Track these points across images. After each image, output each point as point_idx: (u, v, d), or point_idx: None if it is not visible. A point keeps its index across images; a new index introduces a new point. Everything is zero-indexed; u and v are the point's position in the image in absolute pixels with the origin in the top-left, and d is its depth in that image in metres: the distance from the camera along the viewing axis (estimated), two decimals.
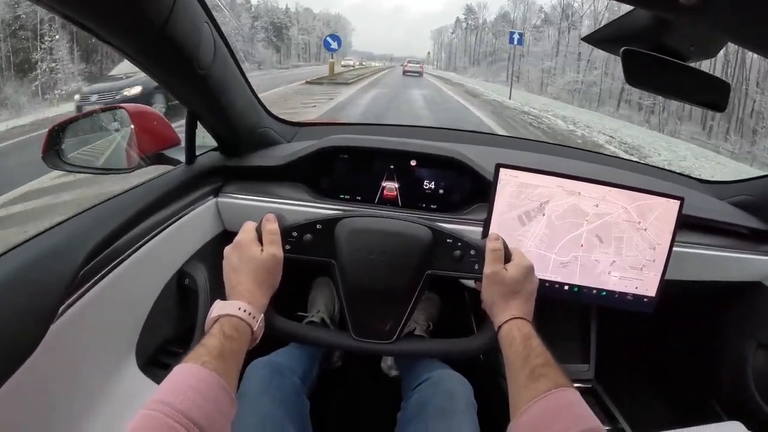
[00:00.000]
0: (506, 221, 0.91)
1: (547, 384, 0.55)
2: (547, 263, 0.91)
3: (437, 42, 69.43)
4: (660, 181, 1.25)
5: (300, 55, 55.13)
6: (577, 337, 1.12)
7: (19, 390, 0.54)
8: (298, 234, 0.71)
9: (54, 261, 0.62)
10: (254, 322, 0.60)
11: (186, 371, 0.51)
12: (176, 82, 0.81)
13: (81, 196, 4.18)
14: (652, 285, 0.93)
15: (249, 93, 1.04)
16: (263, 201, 1.02)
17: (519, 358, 0.60)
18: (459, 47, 57.83)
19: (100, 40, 0.62)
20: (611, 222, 0.90)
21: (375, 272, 0.71)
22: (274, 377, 0.85)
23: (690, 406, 1.32)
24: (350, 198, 1.06)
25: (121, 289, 0.74)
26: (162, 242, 0.84)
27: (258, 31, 44.11)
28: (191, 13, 0.70)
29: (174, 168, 0.96)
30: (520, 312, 0.65)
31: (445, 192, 1.05)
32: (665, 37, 0.74)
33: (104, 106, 1.03)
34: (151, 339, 0.84)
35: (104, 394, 0.72)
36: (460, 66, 55.22)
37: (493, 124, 11.14)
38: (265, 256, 0.65)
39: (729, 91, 0.81)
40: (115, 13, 0.58)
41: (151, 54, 0.70)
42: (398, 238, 0.71)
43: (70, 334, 0.64)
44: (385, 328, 0.72)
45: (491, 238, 0.70)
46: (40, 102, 14.17)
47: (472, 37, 54.74)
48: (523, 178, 0.90)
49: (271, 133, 1.18)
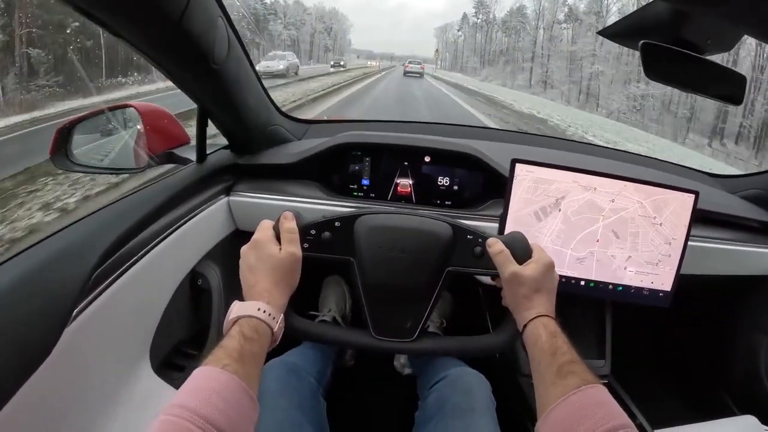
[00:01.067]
0: (522, 217, 0.91)
1: (576, 381, 0.54)
2: (563, 259, 0.91)
3: (441, 40, 66.14)
4: (671, 176, 1.25)
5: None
6: (592, 333, 1.12)
7: (34, 394, 0.54)
8: (317, 232, 0.70)
9: (67, 263, 0.61)
10: (274, 322, 0.59)
11: (206, 375, 0.50)
12: (190, 78, 0.80)
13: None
14: (667, 279, 0.93)
15: (260, 90, 1.03)
16: (275, 199, 1.01)
17: (546, 355, 0.59)
18: (467, 45, 54.69)
19: (113, 35, 0.61)
20: (627, 217, 0.90)
21: (395, 269, 0.70)
22: (291, 378, 0.84)
23: (704, 400, 1.32)
24: (363, 195, 1.05)
25: (134, 291, 0.73)
26: (174, 242, 0.83)
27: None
28: (206, 7, 0.69)
29: (185, 167, 0.95)
30: (544, 309, 0.64)
31: (459, 188, 1.05)
32: (683, 30, 0.74)
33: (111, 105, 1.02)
34: (164, 340, 0.83)
35: (119, 396, 0.71)
36: (469, 66, 52.22)
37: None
38: (283, 255, 0.64)
39: (745, 85, 0.81)
40: (131, 6, 0.57)
41: (167, 49, 0.69)
42: (418, 234, 0.70)
43: (84, 337, 0.63)
44: (406, 326, 0.72)
45: (489, 244, 0.69)
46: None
47: (482, 34, 51.29)
48: (539, 173, 0.90)
49: (282, 131, 1.17)
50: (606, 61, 24.90)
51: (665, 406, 1.33)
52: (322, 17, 62.56)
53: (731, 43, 0.79)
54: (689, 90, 0.82)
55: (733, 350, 1.23)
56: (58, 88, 13.80)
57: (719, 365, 1.28)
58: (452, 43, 61.97)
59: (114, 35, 0.61)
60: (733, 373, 1.23)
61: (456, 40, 59.95)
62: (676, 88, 0.82)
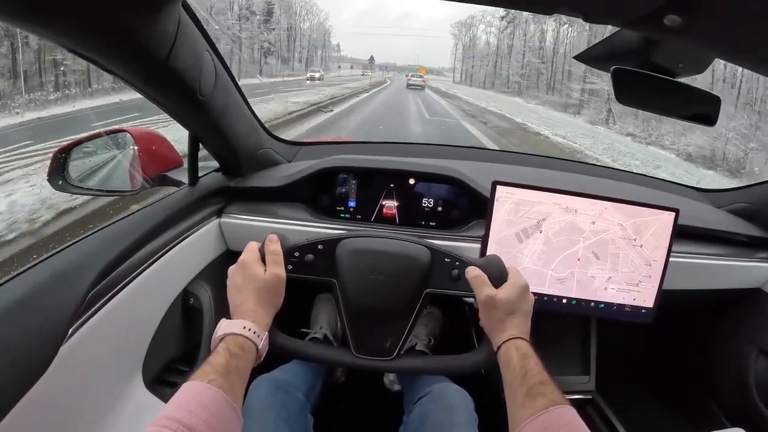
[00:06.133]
0: (504, 238, 0.92)
1: (544, 402, 0.56)
2: (543, 279, 0.93)
3: (460, 40, 48.51)
4: (657, 192, 1.26)
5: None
6: (576, 349, 1.13)
7: (31, 409, 0.56)
8: (300, 254, 0.72)
9: (63, 284, 0.64)
10: (258, 340, 0.62)
11: (193, 388, 0.53)
12: (178, 108, 0.83)
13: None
14: (649, 297, 0.94)
15: (250, 115, 1.06)
16: (265, 221, 1.04)
17: (517, 377, 0.61)
18: (500, 56, 37.92)
19: (104, 71, 0.64)
20: (607, 239, 0.92)
21: (375, 292, 0.72)
22: (279, 393, 0.87)
23: (692, 413, 1.32)
24: (350, 217, 1.07)
25: (127, 310, 0.76)
26: (167, 263, 0.86)
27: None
28: (193, 43, 0.72)
29: (177, 189, 0.98)
30: (518, 331, 0.66)
31: (443, 209, 1.07)
32: (654, 55, 0.76)
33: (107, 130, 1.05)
34: (157, 358, 0.86)
35: (112, 412, 0.73)
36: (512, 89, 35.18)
37: None
38: (268, 276, 0.67)
39: (719, 105, 0.82)
40: (119, 47, 0.59)
41: (155, 84, 0.72)
42: (397, 258, 0.73)
43: (80, 354, 0.66)
44: (386, 346, 0.74)
45: (467, 271, 0.71)
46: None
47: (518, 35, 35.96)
48: (520, 194, 0.92)
49: (272, 154, 1.20)
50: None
51: (653, 420, 1.33)
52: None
53: (703, 66, 0.81)
54: (663, 113, 0.84)
55: (721, 362, 1.23)
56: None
57: (708, 378, 1.29)
58: (470, 48, 45.50)
59: (104, 71, 0.64)
60: (723, 385, 1.23)
61: (473, 49, 43.60)
62: (650, 112, 0.84)
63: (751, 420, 1.09)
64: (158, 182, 1.00)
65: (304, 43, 48.71)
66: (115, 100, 14.80)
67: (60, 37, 0.53)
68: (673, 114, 0.83)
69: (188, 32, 0.69)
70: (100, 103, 15.72)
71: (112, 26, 0.54)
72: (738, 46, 0.53)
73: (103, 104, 14.84)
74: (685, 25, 0.46)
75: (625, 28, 0.68)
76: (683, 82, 0.79)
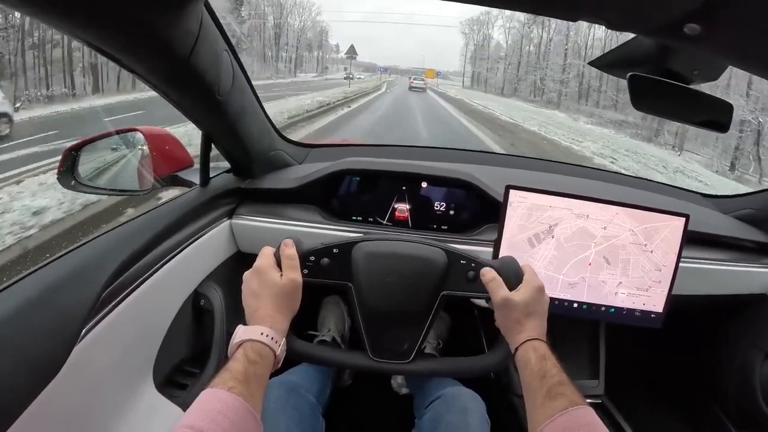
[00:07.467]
0: (516, 243, 0.93)
1: (564, 402, 0.56)
2: (555, 284, 0.93)
3: (471, 39, 40.62)
4: (664, 197, 1.27)
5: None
6: (586, 353, 1.13)
7: (44, 410, 0.56)
8: (316, 258, 0.72)
9: (76, 284, 0.64)
10: (276, 346, 0.62)
11: (213, 396, 0.52)
12: (195, 108, 0.83)
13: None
14: (659, 301, 0.94)
15: (263, 117, 1.06)
16: (276, 223, 1.04)
17: (535, 378, 0.61)
18: (525, 56, 30.26)
19: (124, 69, 0.64)
20: (618, 244, 0.92)
21: (391, 295, 0.72)
22: (291, 396, 0.87)
23: (699, 418, 1.32)
24: (362, 219, 1.07)
25: (139, 311, 0.75)
26: (178, 264, 0.85)
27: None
28: (213, 42, 0.72)
29: (189, 190, 0.98)
30: (535, 332, 0.66)
31: (455, 213, 1.07)
32: (670, 62, 0.76)
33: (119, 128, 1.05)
34: (167, 359, 0.86)
35: (123, 412, 0.73)
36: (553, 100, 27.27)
37: None
38: (284, 281, 0.67)
39: (732, 112, 0.83)
40: (143, 46, 0.59)
41: (176, 83, 0.72)
42: (413, 260, 0.73)
43: (92, 355, 0.65)
44: (402, 349, 0.74)
45: (482, 273, 0.71)
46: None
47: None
48: (533, 199, 0.92)
49: (284, 155, 1.20)
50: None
51: (661, 424, 1.33)
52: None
53: (717, 73, 0.82)
54: (677, 119, 0.84)
55: (728, 368, 1.24)
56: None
57: (714, 383, 1.29)
58: (484, 47, 38.24)
59: (127, 70, 0.64)
60: (728, 390, 1.24)
61: (486, 48, 36.85)
62: (665, 118, 0.85)
63: (757, 424, 1.10)
64: (169, 182, 1.00)
65: (292, 41, 41.22)
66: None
67: (85, 34, 0.53)
68: (687, 120, 0.83)
69: (209, 31, 0.69)
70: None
71: (136, 24, 0.54)
72: (755, 55, 0.54)
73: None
74: (705, 34, 0.47)
75: (646, 36, 0.69)
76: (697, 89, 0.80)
